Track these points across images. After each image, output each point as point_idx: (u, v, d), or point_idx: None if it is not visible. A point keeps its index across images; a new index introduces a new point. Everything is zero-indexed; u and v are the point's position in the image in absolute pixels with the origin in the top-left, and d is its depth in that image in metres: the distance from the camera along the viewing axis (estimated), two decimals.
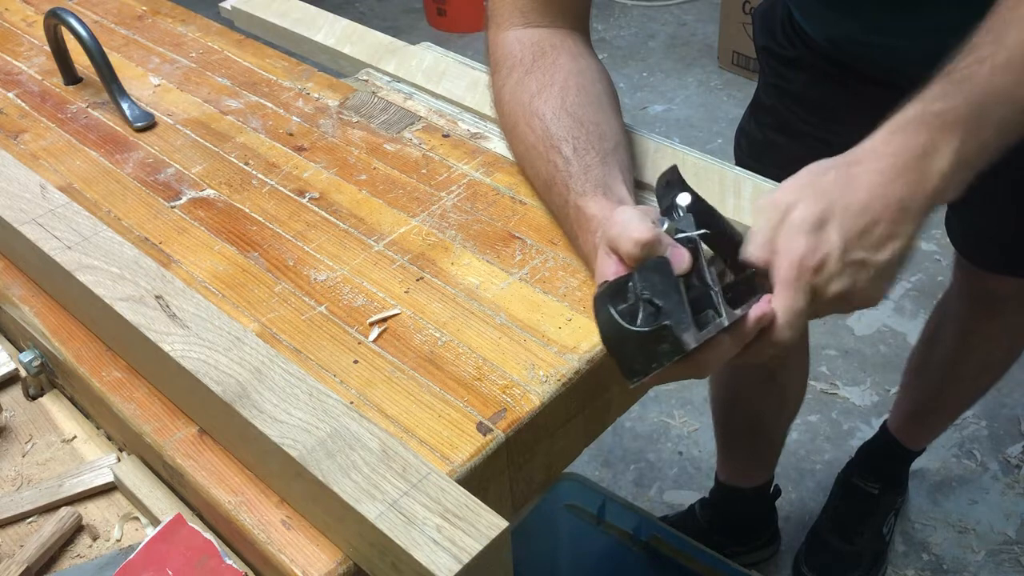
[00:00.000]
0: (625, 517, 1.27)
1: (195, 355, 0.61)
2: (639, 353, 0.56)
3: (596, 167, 0.70)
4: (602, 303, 0.57)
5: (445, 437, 0.60)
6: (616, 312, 0.56)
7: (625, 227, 0.60)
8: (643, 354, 0.56)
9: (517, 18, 0.81)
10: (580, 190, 0.69)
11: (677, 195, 0.64)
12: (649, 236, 0.59)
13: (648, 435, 1.77)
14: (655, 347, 0.55)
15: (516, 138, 0.78)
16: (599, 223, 0.66)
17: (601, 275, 0.62)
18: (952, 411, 1.47)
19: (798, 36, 1.03)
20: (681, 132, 2.52)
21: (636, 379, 0.57)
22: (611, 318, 0.56)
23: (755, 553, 1.55)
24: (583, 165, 0.70)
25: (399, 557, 0.51)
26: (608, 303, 0.57)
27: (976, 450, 1.71)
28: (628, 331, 0.56)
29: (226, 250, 0.77)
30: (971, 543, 1.57)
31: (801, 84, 1.06)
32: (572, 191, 0.69)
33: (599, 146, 0.72)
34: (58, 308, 0.72)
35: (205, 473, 0.60)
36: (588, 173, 0.69)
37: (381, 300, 0.71)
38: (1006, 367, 1.33)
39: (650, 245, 0.59)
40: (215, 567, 0.57)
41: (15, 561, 0.60)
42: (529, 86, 0.76)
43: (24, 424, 0.71)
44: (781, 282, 0.60)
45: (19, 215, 0.73)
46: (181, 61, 1.03)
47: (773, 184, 0.78)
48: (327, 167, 0.85)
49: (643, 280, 0.58)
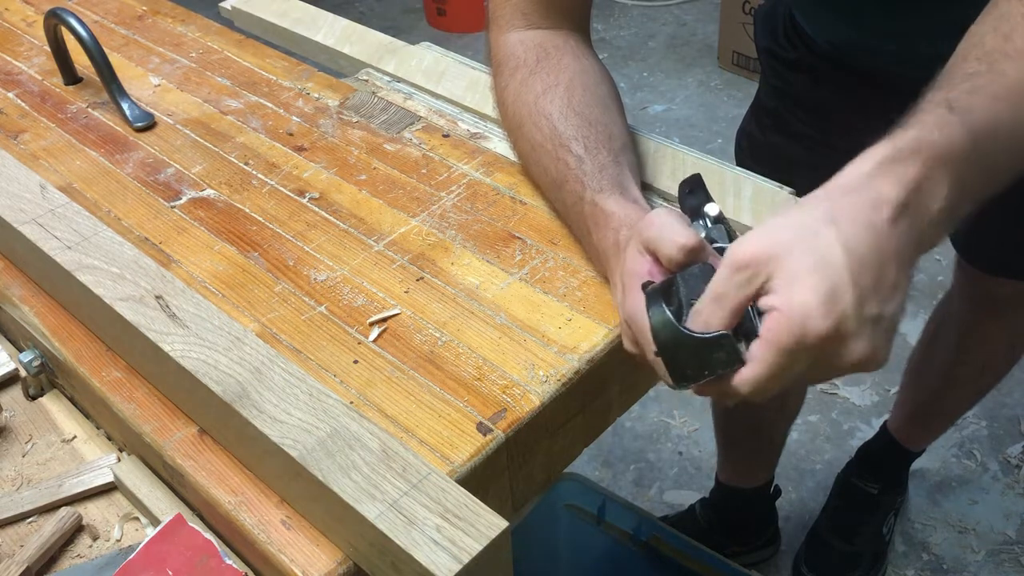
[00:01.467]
0: (625, 517, 1.27)
1: (195, 355, 0.61)
2: (693, 359, 0.54)
3: (610, 166, 0.70)
4: (656, 304, 0.55)
5: (445, 437, 0.60)
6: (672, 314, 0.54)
7: (667, 230, 0.58)
8: (697, 361, 0.54)
9: (519, 20, 0.81)
10: (597, 187, 0.69)
11: (705, 203, 0.63)
12: (695, 242, 0.57)
13: (648, 435, 1.77)
14: (711, 355, 0.53)
15: (522, 138, 0.78)
16: (620, 221, 0.65)
17: (632, 273, 0.60)
18: (952, 412, 1.47)
19: (799, 38, 1.03)
20: (681, 132, 2.52)
21: (684, 385, 0.56)
22: (668, 321, 0.54)
23: (755, 553, 1.55)
24: (597, 164, 0.70)
25: (399, 557, 0.51)
26: (663, 304, 0.55)
27: (976, 450, 1.71)
28: (686, 336, 0.54)
29: (226, 250, 0.77)
30: (971, 543, 1.57)
31: (802, 86, 1.06)
32: (588, 188, 0.69)
33: (609, 145, 0.72)
34: (58, 308, 0.72)
35: (205, 473, 0.60)
36: (604, 171, 0.69)
37: (381, 300, 0.71)
38: (1007, 369, 1.34)
39: (695, 251, 0.57)
40: (215, 567, 0.57)
41: (15, 561, 0.60)
42: (534, 86, 0.76)
43: (24, 424, 0.71)
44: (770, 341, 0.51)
45: (19, 215, 0.73)
46: (181, 61, 1.03)
47: (773, 184, 0.78)
48: (327, 167, 0.85)
49: (688, 286, 0.56)
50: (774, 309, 0.51)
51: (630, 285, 0.60)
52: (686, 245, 0.57)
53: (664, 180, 0.80)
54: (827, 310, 0.50)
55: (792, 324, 0.50)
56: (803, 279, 0.50)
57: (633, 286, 0.59)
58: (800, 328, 0.50)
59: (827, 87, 1.03)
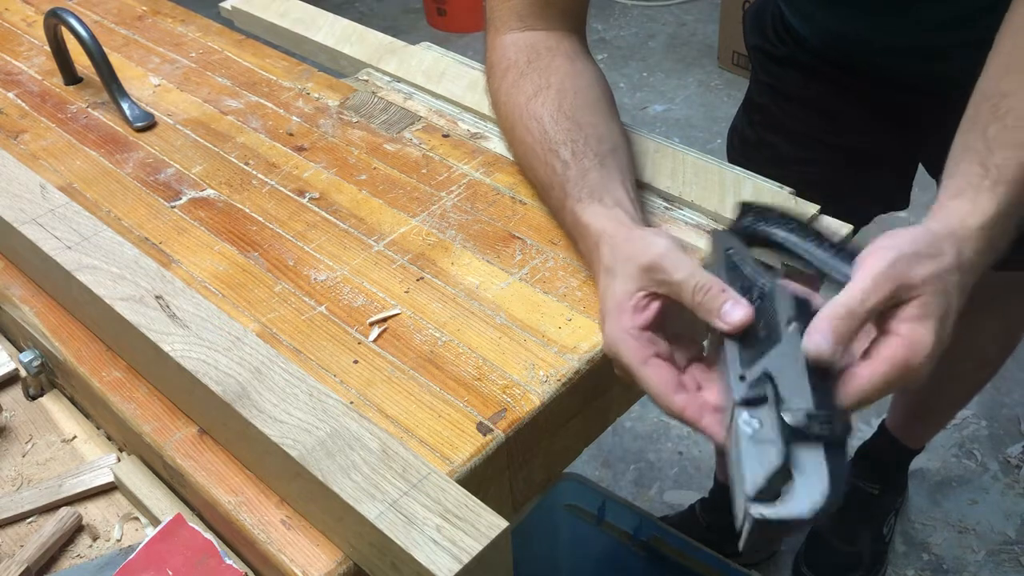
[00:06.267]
0: (625, 517, 1.27)
1: (195, 355, 0.61)
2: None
3: (593, 171, 0.70)
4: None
5: (445, 437, 0.60)
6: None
7: (712, 297, 0.57)
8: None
9: (514, 22, 0.81)
10: (576, 196, 0.69)
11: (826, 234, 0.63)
12: (748, 316, 0.57)
13: (648, 435, 1.77)
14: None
15: (514, 141, 0.78)
16: (597, 234, 0.66)
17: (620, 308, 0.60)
18: (950, 407, 1.47)
19: (789, 35, 1.04)
20: (681, 132, 2.52)
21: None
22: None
23: (755, 553, 1.55)
24: (580, 170, 0.70)
25: (399, 557, 0.51)
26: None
27: (976, 450, 1.71)
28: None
29: (226, 250, 0.77)
30: (971, 543, 1.57)
31: (792, 82, 1.06)
32: (569, 196, 0.70)
33: (597, 148, 0.72)
34: (58, 308, 0.72)
35: (205, 473, 0.60)
36: (585, 178, 0.69)
37: (381, 300, 0.71)
38: (1001, 361, 1.34)
39: (745, 323, 0.57)
40: (215, 567, 0.57)
41: (15, 561, 0.60)
42: (525, 89, 0.76)
43: (24, 424, 0.71)
44: (888, 361, 0.55)
45: (19, 215, 0.73)
46: (181, 61, 1.03)
47: (773, 184, 0.78)
48: (327, 167, 0.85)
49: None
50: (897, 335, 0.55)
51: (615, 315, 0.60)
52: (741, 321, 0.56)
53: (664, 180, 0.80)
54: (935, 352, 0.55)
55: (913, 358, 0.54)
56: (930, 321, 0.55)
57: (617, 317, 0.60)
58: (917, 363, 0.55)
59: (817, 83, 1.03)
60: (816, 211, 0.75)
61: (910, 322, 0.55)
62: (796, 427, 0.51)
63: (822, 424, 0.51)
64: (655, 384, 0.58)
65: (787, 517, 0.50)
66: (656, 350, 0.59)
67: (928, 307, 0.55)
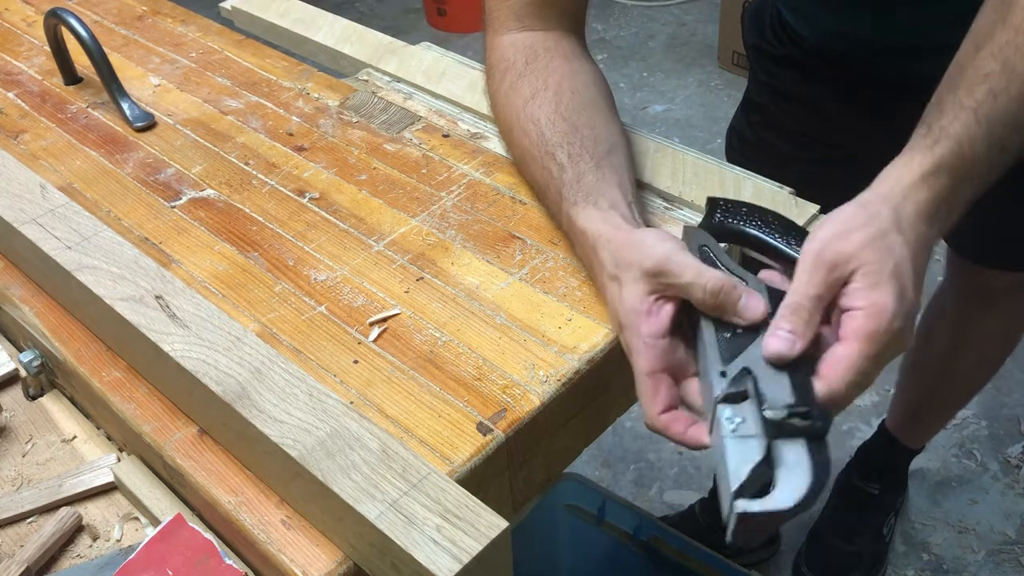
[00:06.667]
0: (625, 517, 1.27)
1: (195, 355, 0.61)
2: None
3: (589, 173, 0.70)
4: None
5: (445, 437, 0.60)
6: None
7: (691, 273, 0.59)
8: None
9: (513, 22, 0.81)
10: (572, 199, 0.69)
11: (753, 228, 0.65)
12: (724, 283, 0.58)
13: (648, 435, 1.77)
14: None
15: (512, 142, 0.78)
16: (593, 238, 0.66)
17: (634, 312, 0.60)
18: (950, 407, 1.47)
19: (787, 34, 1.04)
20: (681, 132, 2.52)
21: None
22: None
23: (755, 553, 1.55)
24: (576, 173, 0.70)
25: (399, 557, 0.51)
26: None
27: (976, 450, 1.71)
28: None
29: (226, 250, 0.77)
30: (971, 543, 1.57)
31: (791, 82, 1.06)
32: (565, 200, 0.70)
33: (593, 150, 0.71)
34: (58, 308, 0.72)
35: (205, 473, 0.60)
36: (580, 181, 0.69)
37: (381, 300, 0.71)
38: (1001, 360, 1.34)
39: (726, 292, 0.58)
40: (215, 567, 0.57)
41: (15, 561, 0.60)
42: (522, 90, 0.76)
43: (24, 424, 0.71)
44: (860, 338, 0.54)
45: (19, 215, 0.73)
46: (181, 61, 1.03)
47: (773, 184, 0.78)
48: (327, 167, 0.85)
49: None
50: (857, 309, 0.55)
51: (632, 324, 0.60)
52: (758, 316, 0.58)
53: (664, 180, 0.80)
54: (901, 310, 0.55)
55: (880, 323, 0.54)
56: (882, 284, 0.55)
57: (635, 327, 0.60)
58: (886, 327, 0.54)
59: (815, 82, 1.04)
60: (816, 211, 0.75)
61: (863, 292, 0.55)
62: (777, 421, 0.52)
63: (803, 417, 0.52)
64: (645, 397, 0.60)
65: (771, 510, 0.50)
66: (668, 362, 0.60)
67: (873, 273, 0.55)
